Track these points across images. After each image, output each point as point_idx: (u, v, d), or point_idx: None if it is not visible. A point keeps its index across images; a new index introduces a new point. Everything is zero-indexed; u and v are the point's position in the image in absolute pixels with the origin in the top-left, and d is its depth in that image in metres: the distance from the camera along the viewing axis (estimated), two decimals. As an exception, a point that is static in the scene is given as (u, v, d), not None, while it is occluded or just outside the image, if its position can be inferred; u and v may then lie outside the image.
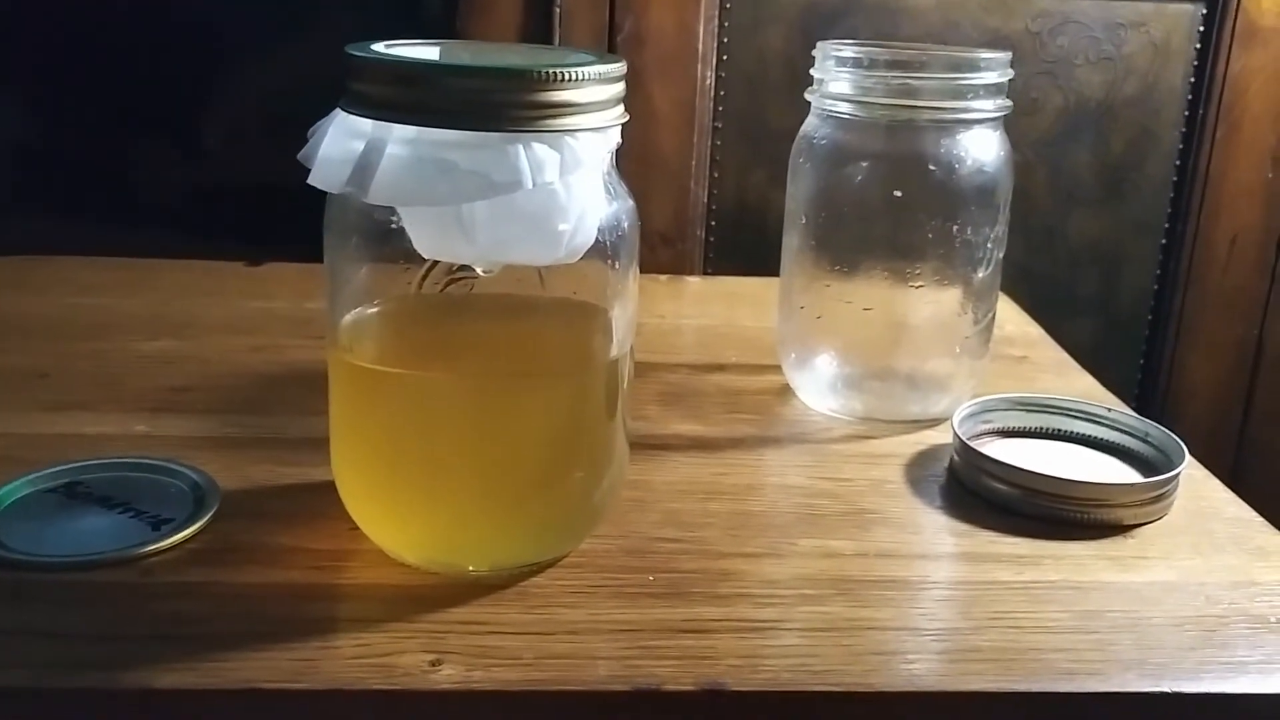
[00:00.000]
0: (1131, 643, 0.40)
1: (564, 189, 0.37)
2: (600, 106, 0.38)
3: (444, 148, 0.36)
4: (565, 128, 0.37)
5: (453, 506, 0.41)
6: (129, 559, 0.41)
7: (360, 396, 0.41)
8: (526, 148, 0.36)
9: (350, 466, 0.42)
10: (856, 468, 0.52)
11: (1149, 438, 0.53)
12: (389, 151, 0.36)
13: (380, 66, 0.37)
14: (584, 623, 0.39)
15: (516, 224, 0.37)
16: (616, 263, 0.40)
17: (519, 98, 0.36)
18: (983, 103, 0.54)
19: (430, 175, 0.36)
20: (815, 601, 0.41)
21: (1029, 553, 0.45)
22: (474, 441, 0.40)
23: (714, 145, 0.88)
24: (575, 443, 0.42)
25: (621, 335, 0.42)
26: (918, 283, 0.55)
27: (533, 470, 0.41)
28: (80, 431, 0.52)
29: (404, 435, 0.41)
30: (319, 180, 0.37)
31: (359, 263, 0.41)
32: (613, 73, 0.38)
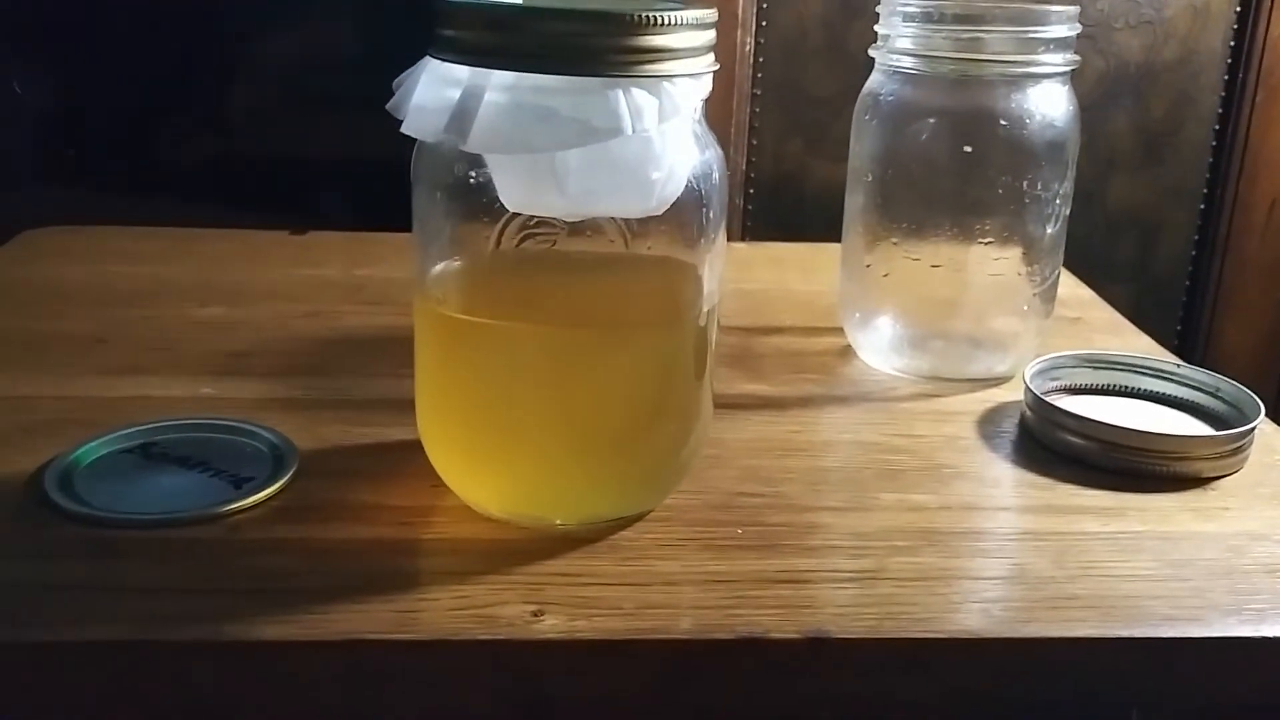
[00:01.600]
0: (1226, 589, 0.40)
1: (658, 137, 0.37)
2: (695, 53, 0.37)
3: (543, 94, 0.36)
4: (663, 73, 0.36)
5: (540, 459, 0.41)
6: (215, 516, 0.41)
7: (449, 348, 0.41)
8: (626, 93, 0.36)
9: (437, 419, 0.42)
10: (928, 424, 0.52)
11: (1219, 393, 0.52)
12: (487, 98, 0.36)
13: (475, 11, 0.37)
14: (679, 574, 0.39)
15: (609, 173, 0.37)
16: (709, 212, 0.40)
17: (617, 42, 0.36)
18: (1051, 56, 0.53)
19: (529, 122, 0.36)
20: (906, 553, 0.41)
21: (1112, 505, 0.45)
22: (562, 394, 0.40)
23: (752, 112, 0.87)
24: (664, 398, 0.41)
25: (711, 289, 0.42)
26: (986, 239, 0.54)
27: (620, 424, 0.41)
28: (146, 394, 0.51)
29: (493, 387, 0.40)
30: (414, 129, 0.37)
31: (445, 216, 0.40)
32: (707, 18, 0.38)
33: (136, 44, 0.88)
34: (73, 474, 0.43)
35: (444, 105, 0.36)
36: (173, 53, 0.88)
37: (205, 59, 0.89)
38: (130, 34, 0.87)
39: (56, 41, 0.88)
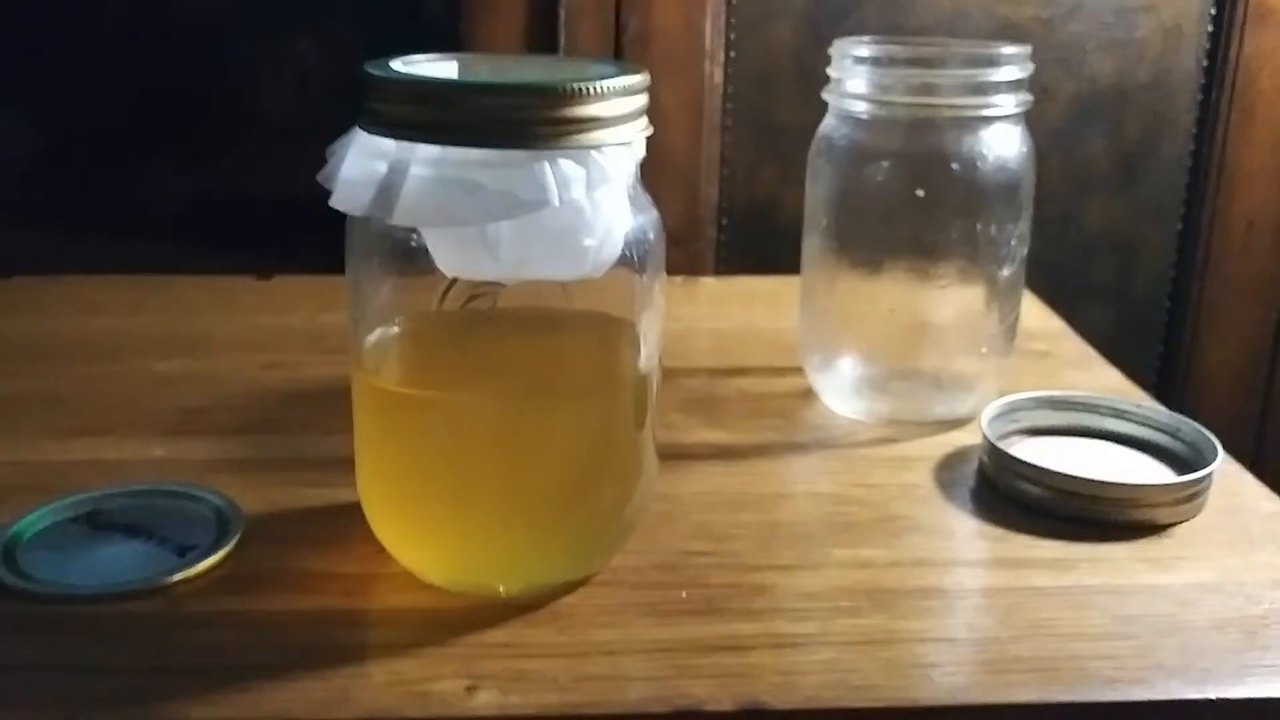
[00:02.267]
0: (1174, 648, 0.39)
1: (590, 204, 0.37)
2: (625, 119, 0.37)
3: (469, 167, 0.36)
4: (591, 143, 0.36)
5: (481, 527, 0.40)
6: (156, 589, 0.41)
7: (385, 418, 0.41)
8: (553, 164, 0.36)
9: (376, 488, 0.42)
10: (885, 472, 0.52)
11: (1179, 434, 0.52)
12: (413, 172, 0.36)
13: (401, 86, 0.36)
14: (618, 642, 0.39)
15: (541, 241, 0.37)
16: (643, 275, 0.40)
17: (544, 114, 0.35)
18: (1004, 98, 0.53)
19: (456, 195, 0.35)
20: (850, 614, 0.41)
21: (1065, 556, 0.45)
22: (501, 462, 0.40)
23: (724, 143, 0.87)
24: (604, 459, 0.41)
25: (650, 348, 0.41)
26: (942, 282, 0.54)
27: (562, 489, 0.41)
28: (99, 457, 0.51)
29: (430, 457, 0.40)
30: (341, 203, 0.37)
31: (381, 282, 0.40)
32: (637, 85, 0.38)
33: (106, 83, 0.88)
34: (16, 546, 0.43)
35: (371, 179, 0.36)
36: (144, 95, 0.88)
37: (177, 100, 0.89)
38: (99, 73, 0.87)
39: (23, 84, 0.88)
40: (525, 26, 0.83)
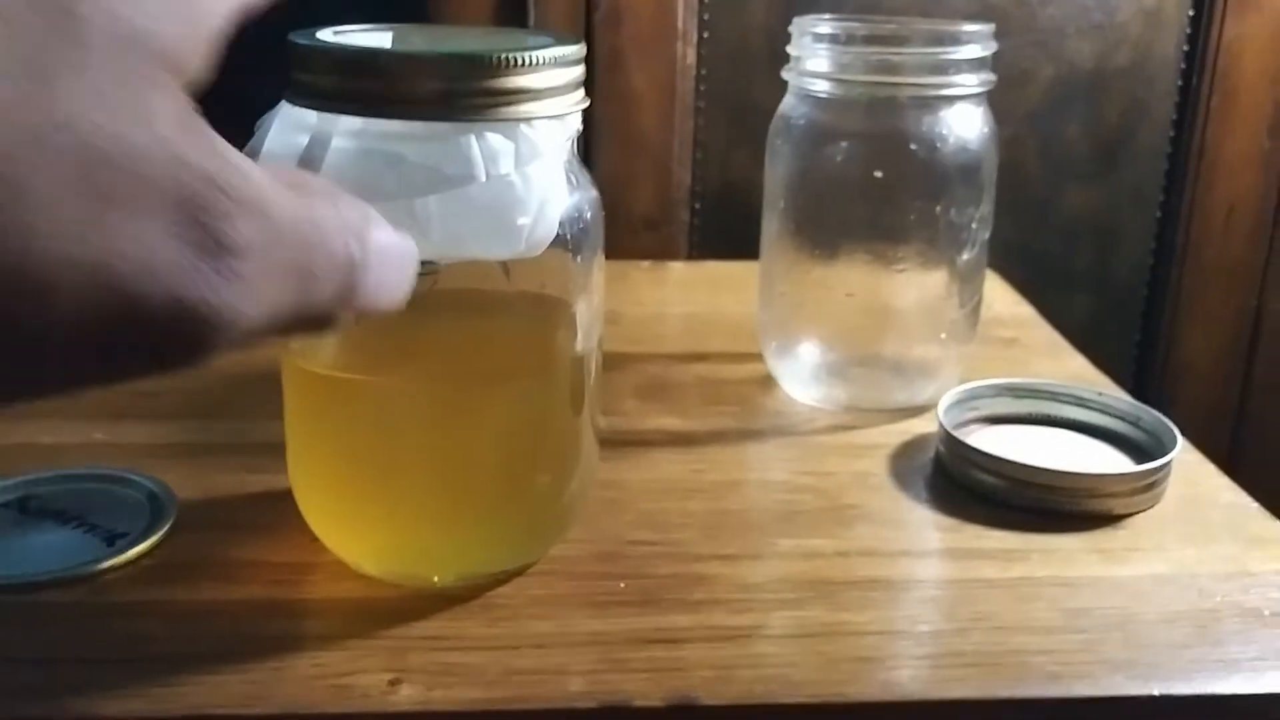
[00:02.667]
0: (1120, 642, 0.38)
1: (521, 180, 0.35)
2: (558, 92, 0.36)
3: (392, 139, 0.34)
4: (520, 115, 0.35)
5: (413, 516, 0.39)
6: (80, 577, 0.40)
7: (313, 403, 0.40)
8: (479, 138, 0.34)
9: (307, 476, 0.41)
10: (840, 460, 0.51)
11: (1140, 422, 0.51)
12: (334, 145, 0.34)
13: (322, 55, 0.35)
14: (551, 635, 0.38)
15: (471, 218, 0.35)
16: (579, 256, 0.39)
17: (469, 85, 0.34)
18: (965, 77, 0.52)
19: (378, 169, 0.34)
20: (792, 606, 0.40)
21: (1016, 547, 0.44)
22: (432, 448, 0.39)
23: (696, 125, 0.85)
24: (538, 445, 0.40)
25: (586, 331, 0.40)
26: (901, 266, 0.53)
27: (494, 476, 0.40)
28: (36, 441, 0.50)
29: (360, 443, 0.39)
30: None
31: None
32: (570, 56, 0.36)
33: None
34: (-60, 533, 0.42)
35: (293, 152, 0.35)
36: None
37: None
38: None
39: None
40: (494, 4, 0.81)
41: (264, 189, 0.21)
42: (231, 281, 0.20)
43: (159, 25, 0.20)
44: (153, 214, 0.19)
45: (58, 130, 0.18)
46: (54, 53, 0.18)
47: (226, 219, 0.20)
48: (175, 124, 0.20)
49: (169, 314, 0.19)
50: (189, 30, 0.21)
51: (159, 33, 0.20)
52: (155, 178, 0.19)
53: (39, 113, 0.18)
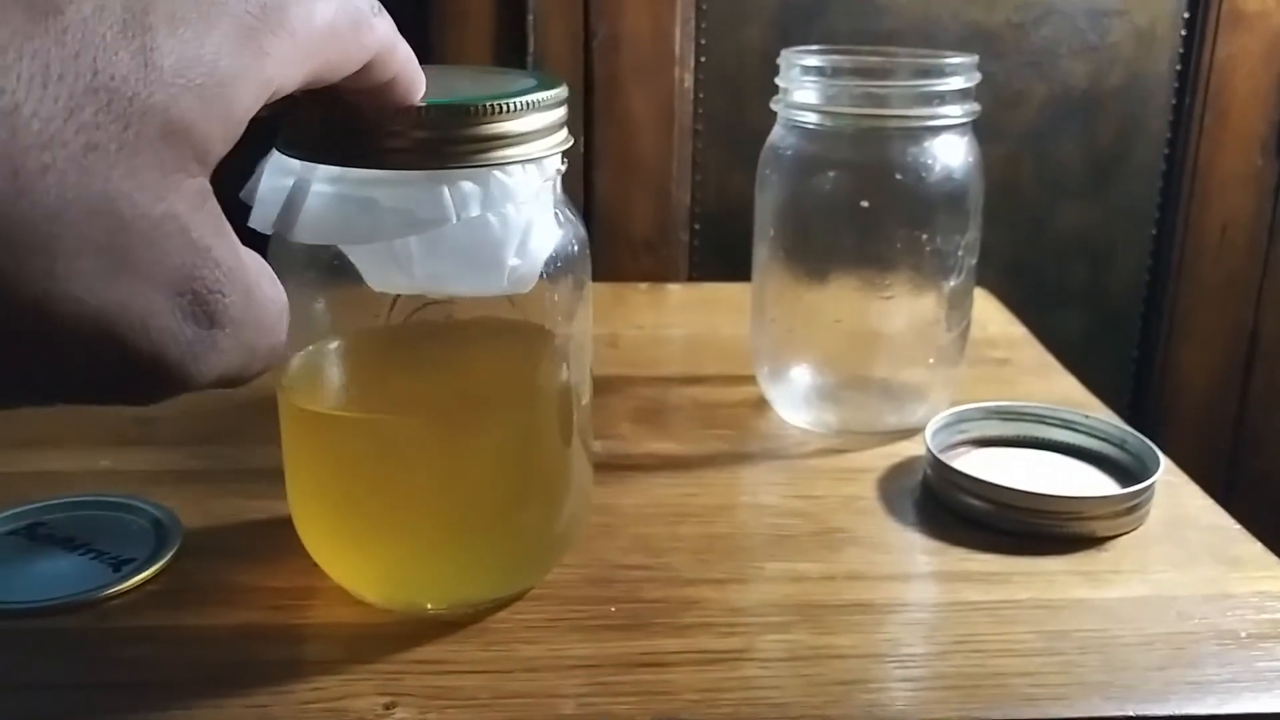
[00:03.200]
0: (1099, 664, 0.39)
1: (499, 221, 0.36)
2: (533, 137, 0.37)
3: (365, 185, 0.35)
4: (493, 161, 0.36)
5: (407, 545, 0.40)
6: (88, 603, 0.41)
7: (308, 439, 0.41)
8: (450, 184, 0.35)
9: (305, 506, 0.42)
10: (829, 484, 0.52)
11: (1125, 445, 0.52)
12: (314, 189, 0.36)
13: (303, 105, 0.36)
14: (543, 659, 0.39)
15: (450, 257, 0.36)
16: (568, 289, 0.40)
17: (440, 134, 0.35)
18: (950, 108, 0.53)
19: (353, 213, 0.35)
20: (779, 629, 0.41)
21: (999, 570, 0.45)
22: (424, 480, 0.40)
23: (695, 148, 0.87)
24: (529, 475, 0.41)
25: (575, 361, 0.41)
26: (889, 293, 0.54)
27: (486, 506, 0.40)
28: (44, 469, 0.51)
29: (354, 476, 0.40)
30: (255, 221, 0.37)
31: (301, 301, 0.40)
32: (547, 100, 0.37)
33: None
34: (-48, 561, 0.44)
35: (279, 196, 0.36)
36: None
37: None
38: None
39: None
40: (494, 34, 0.83)
41: (251, 272, 0.25)
42: (208, 351, 0.23)
43: (201, 122, 0.23)
44: (157, 280, 0.22)
45: (98, 201, 0.21)
46: (109, 134, 0.21)
47: (218, 296, 0.23)
48: (191, 204, 0.23)
49: (147, 367, 0.23)
50: (222, 127, 0.23)
51: (198, 128, 0.23)
52: (166, 250, 0.22)
53: (88, 185, 0.21)
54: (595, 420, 0.56)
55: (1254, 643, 0.40)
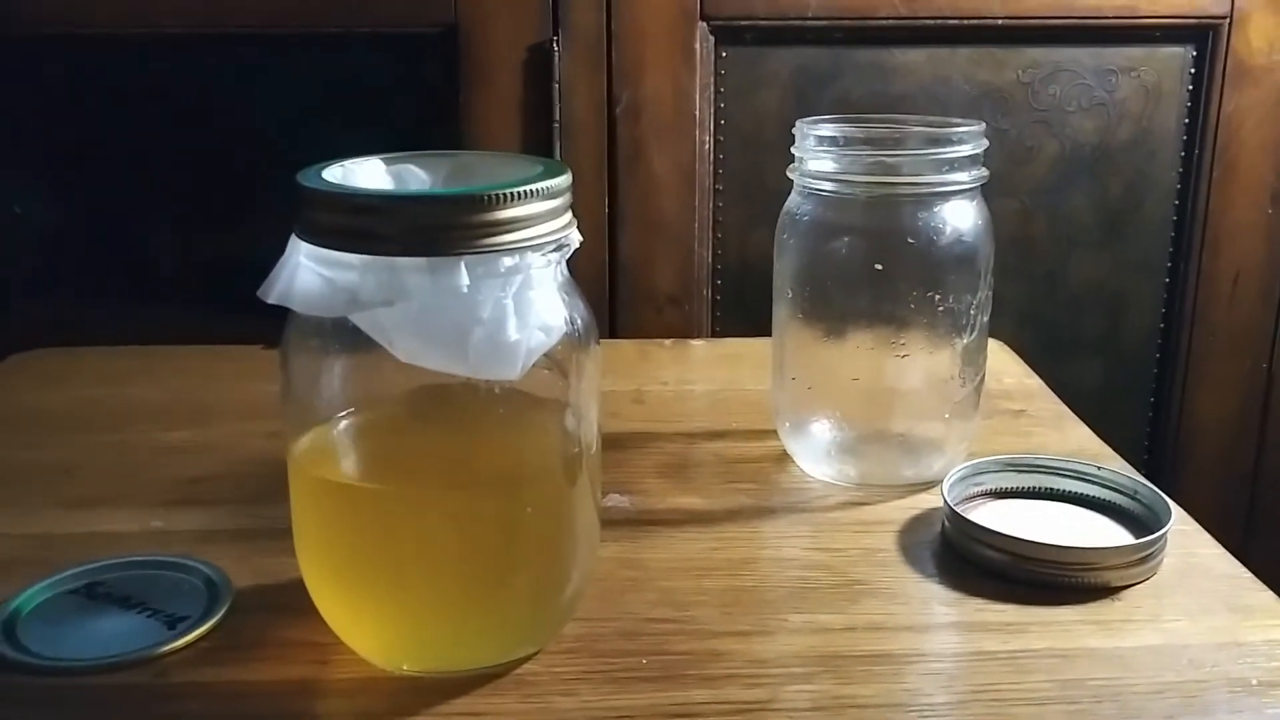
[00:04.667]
0: (1113, 712, 0.41)
1: (466, 304, 0.38)
2: (491, 229, 0.38)
3: (326, 264, 0.38)
4: (476, 249, 0.37)
5: (415, 613, 0.42)
6: (144, 660, 0.43)
7: (317, 506, 0.42)
8: (390, 269, 0.38)
9: (315, 571, 0.44)
10: (850, 536, 0.53)
11: (1137, 495, 0.53)
12: (296, 262, 0.39)
13: (296, 189, 0.39)
14: (578, 711, 0.41)
15: (418, 336, 0.38)
16: (570, 368, 0.41)
17: (393, 225, 0.37)
18: (959, 174, 0.55)
19: (316, 288, 0.38)
20: (802, 680, 0.42)
21: (1016, 620, 0.46)
22: (432, 550, 0.41)
23: (715, 207, 0.89)
24: (538, 545, 0.42)
25: (582, 431, 0.43)
26: (904, 351, 0.56)
27: (493, 576, 0.42)
28: (99, 529, 0.54)
29: (363, 544, 0.42)
30: (262, 291, 0.40)
31: (322, 370, 0.42)
32: (513, 196, 0.38)
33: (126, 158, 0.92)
34: (16, 620, 0.46)
35: (280, 269, 0.40)
36: (162, 164, 0.92)
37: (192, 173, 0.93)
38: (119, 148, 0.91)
39: (50, 161, 0.92)
40: (521, 98, 0.86)
41: None
42: None
43: None
44: None
45: None
46: None
47: None
48: None
49: None
50: None
51: None
52: None
53: None
54: (620, 475, 0.59)
55: (1265, 690, 0.42)
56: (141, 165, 0.92)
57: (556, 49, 0.84)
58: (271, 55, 0.90)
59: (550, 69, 0.85)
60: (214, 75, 0.90)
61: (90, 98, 0.90)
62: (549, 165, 0.41)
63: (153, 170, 0.92)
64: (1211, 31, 0.87)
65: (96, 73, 0.90)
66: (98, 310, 0.93)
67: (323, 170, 0.41)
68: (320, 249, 0.38)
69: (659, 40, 0.85)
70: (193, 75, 0.90)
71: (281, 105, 0.92)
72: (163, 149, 0.91)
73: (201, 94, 0.91)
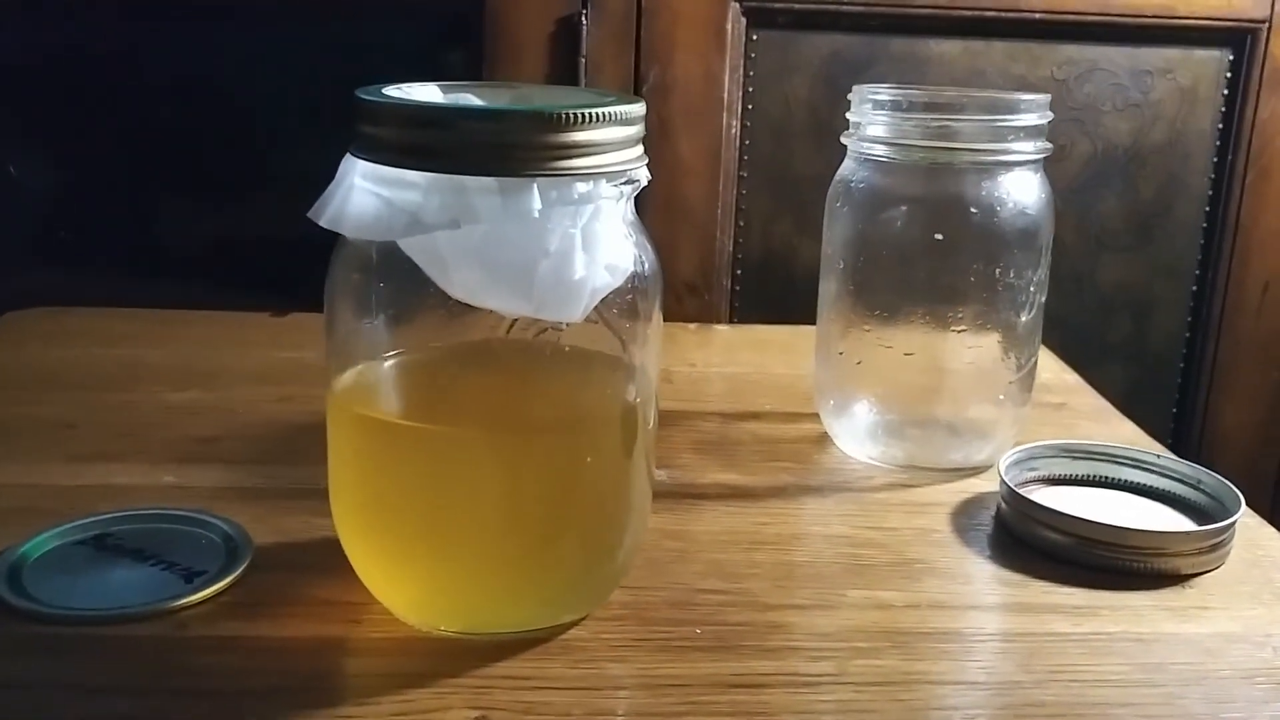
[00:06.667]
0: (1201, 696, 0.38)
1: (531, 236, 0.35)
2: (580, 151, 0.35)
3: (384, 183, 0.36)
4: (531, 172, 0.35)
5: (453, 568, 0.39)
6: (163, 612, 0.40)
7: (363, 448, 0.39)
8: (458, 187, 0.35)
9: (352, 520, 0.41)
10: (901, 517, 0.51)
11: (1201, 484, 0.51)
12: (351, 183, 0.36)
13: (353, 103, 0.37)
14: (632, 677, 0.38)
15: (480, 269, 0.36)
16: (638, 310, 0.39)
17: (451, 138, 0.35)
18: (1022, 144, 0.53)
19: (369, 208, 0.36)
20: (868, 655, 0.40)
21: (1085, 603, 0.44)
22: (483, 497, 0.38)
23: (739, 194, 0.87)
24: (590, 498, 0.39)
25: (642, 383, 0.40)
26: (959, 327, 0.54)
27: (545, 528, 0.39)
28: (108, 483, 0.51)
29: (409, 491, 0.39)
30: (313, 213, 0.37)
31: (373, 309, 0.39)
32: (628, 112, 0.36)
33: (129, 127, 0.89)
34: (22, 567, 0.43)
35: (333, 193, 0.37)
36: (165, 134, 0.89)
37: (198, 140, 0.90)
38: (122, 117, 0.89)
39: (50, 125, 0.89)
40: (546, 76, 0.84)
41: None
42: None
43: None
44: None
45: None
46: None
47: None
48: None
49: None
50: None
51: None
52: None
53: None
54: (658, 450, 0.56)
55: (1353, 680, 0.39)
56: (148, 136, 0.89)
57: (585, 23, 0.82)
58: (291, 25, 0.88)
59: (577, 43, 0.82)
60: (230, 43, 0.87)
61: (101, 62, 0.87)
62: (620, 95, 0.39)
63: (159, 141, 0.89)
64: (1250, 35, 0.86)
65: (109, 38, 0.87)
66: (97, 281, 0.90)
67: (380, 89, 0.38)
68: (380, 166, 0.36)
69: (690, 20, 0.83)
70: (208, 43, 0.87)
71: (298, 77, 0.89)
72: (171, 119, 0.89)
73: (216, 62, 0.88)
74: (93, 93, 0.88)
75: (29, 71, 0.86)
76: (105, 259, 0.91)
